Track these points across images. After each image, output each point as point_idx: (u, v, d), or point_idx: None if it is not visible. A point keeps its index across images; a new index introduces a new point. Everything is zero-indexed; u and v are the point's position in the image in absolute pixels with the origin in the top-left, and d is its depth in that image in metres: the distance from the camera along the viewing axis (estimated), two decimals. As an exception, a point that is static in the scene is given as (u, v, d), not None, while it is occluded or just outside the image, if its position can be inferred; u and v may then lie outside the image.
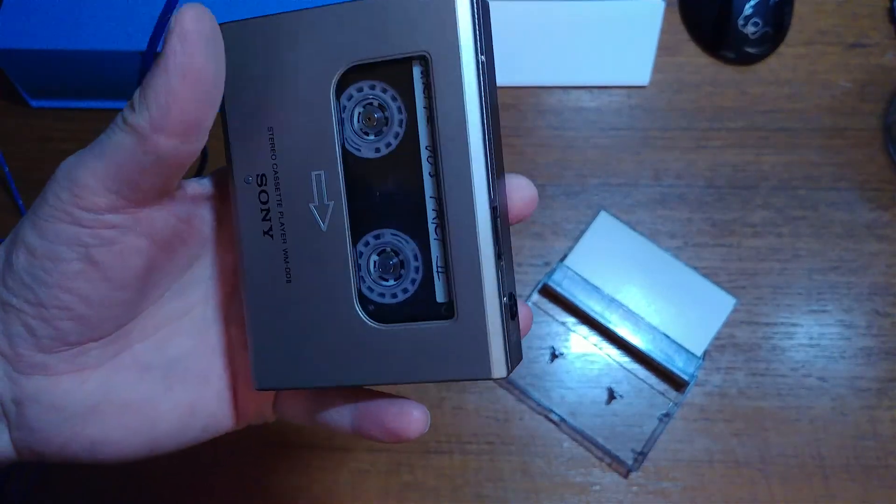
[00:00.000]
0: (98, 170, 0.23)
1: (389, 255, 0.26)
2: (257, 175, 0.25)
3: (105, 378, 0.26)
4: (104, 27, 0.50)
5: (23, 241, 0.24)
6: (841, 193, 0.53)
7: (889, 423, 0.48)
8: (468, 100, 0.23)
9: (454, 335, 0.25)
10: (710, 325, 0.49)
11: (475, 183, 0.24)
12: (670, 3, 0.58)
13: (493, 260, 0.24)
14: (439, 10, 0.23)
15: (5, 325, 0.25)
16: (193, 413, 0.28)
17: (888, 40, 0.57)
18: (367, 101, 0.25)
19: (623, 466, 0.47)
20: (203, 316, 0.29)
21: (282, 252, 0.26)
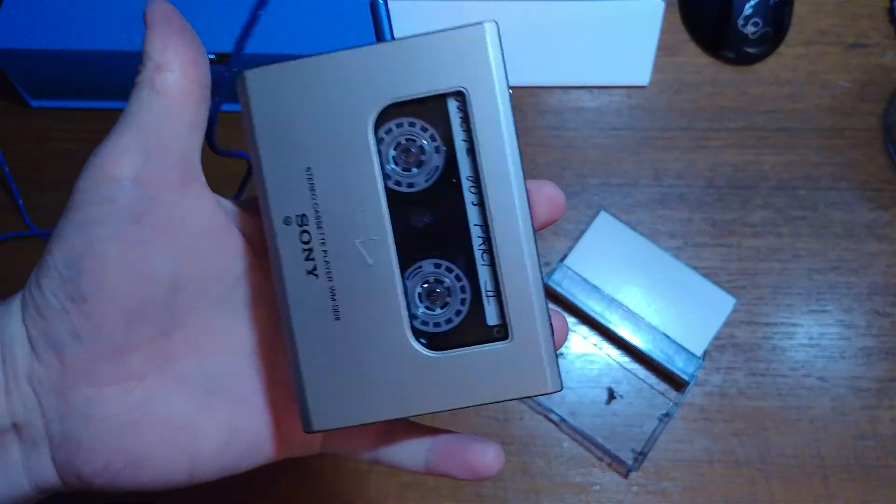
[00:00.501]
0: (120, 139, 0.25)
1: (437, 284, 0.26)
2: (297, 215, 0.26)
3: (148, 391, 0.26)
4: (104, 27, 0.50)
5: (58, 237, 0.25)
6: (841, 193, 0.53)
7: (889, 423, 0.48)
8: (505, 131, 0.25)
9: (509, 355, 0.26)
10: (710, 325, 0.49)
11: (518, 209, 0.25)
12: (670, 3, 0.58)
13: (540, 282, 0.26)
14: (472, 46, 0.25)
15: (49, 334, 0.25)
16: (233, 433, 0.27)
17: (888, 40, 0.57)
18: (406, 136, 0.26)
19: (623, 466, 0.47)
20: (243, 337, 0.29)
21: (328, 290, 0.26)
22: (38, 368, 0.25)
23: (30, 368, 0.25)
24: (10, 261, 0.52)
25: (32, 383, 0.25)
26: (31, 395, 0.25)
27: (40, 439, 0.25)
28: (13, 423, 0.25)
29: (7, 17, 0.50)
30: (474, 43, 0.25)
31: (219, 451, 0.27)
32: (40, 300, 0.25)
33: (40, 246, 0.52)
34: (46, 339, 0.25)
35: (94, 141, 0.61)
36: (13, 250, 0.52)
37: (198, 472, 0.27)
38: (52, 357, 0.25)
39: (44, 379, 0.25)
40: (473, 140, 0.25)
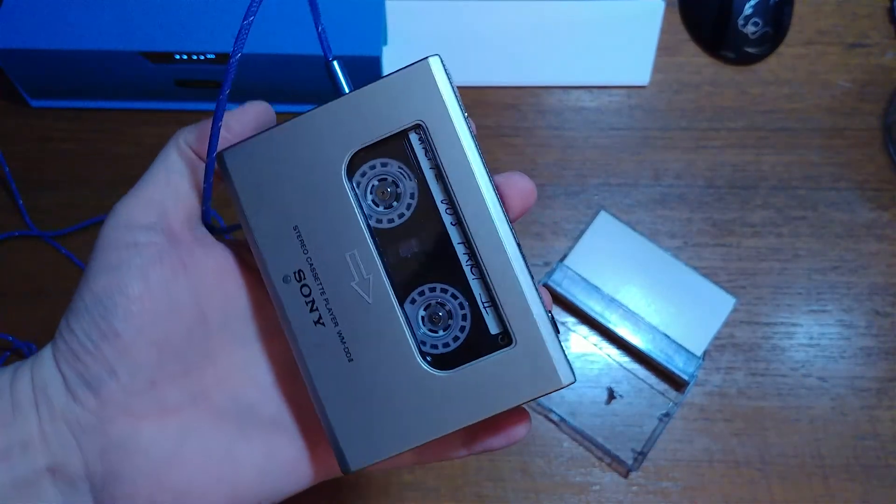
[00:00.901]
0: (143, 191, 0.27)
1: (437, 307, 0.28)
2: (294, 272, 0.27)
3: (184, 423, 0.27)
4: (104, 27, 0.50)
5: (86, 281, 0.26)
6: (841, 193, 0.53)
7: (889, 422, 0.48)
8: (468, 149, 0.26)
9: (518, 359, 0.27)
10: (709, 325, 0.49)
11: (495, 217, 0.26)
12: (670, 3, 0.58)
13: (530, 281, 0.27)
14: (421, 82, 0.26)
15: (84, 373, 0.26)
16: (271, 460, 0.28)
17: (888, 40, 0.57)
18: (378, 177, 0.28)
19: (623, 466, 0.47)
20: (265, 370, 0.30)
21: (337, 336, 0.27)
22: (75, 409, 0.26)
23: (66, 410, 0.26)
24: (10, 261, 0.52)
25: (70, 424, 0.26)
26: (69, 436, 0.26)
27: (80, 480, 0.26)
28: (48, 466, 0.26)
29: (7, 17, 0.50)
30: (422, 78, 0.26)
31: (258, 479, 0.28)
32: (73, 342, 0.26)
33: (40, 246, 0.52)
34: (82, 379, 0.26)
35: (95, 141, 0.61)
36: (13, 250, 0.52)
37: (239, 502, 0.28)
38: (90, 395, 0.26)
39: (82, 418, 0.26)
40: (439, 165, 0.27)
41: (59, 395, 0.26)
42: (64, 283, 0.51)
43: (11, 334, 0.49)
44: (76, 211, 0.53)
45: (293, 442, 0.29)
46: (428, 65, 0.27)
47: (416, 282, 0.28)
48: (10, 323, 0.50)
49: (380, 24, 0.51)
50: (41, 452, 0.26)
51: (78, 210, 0.53)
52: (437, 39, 0.55)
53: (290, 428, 0.29)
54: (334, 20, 0.50)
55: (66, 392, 0.26)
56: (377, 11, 0.51)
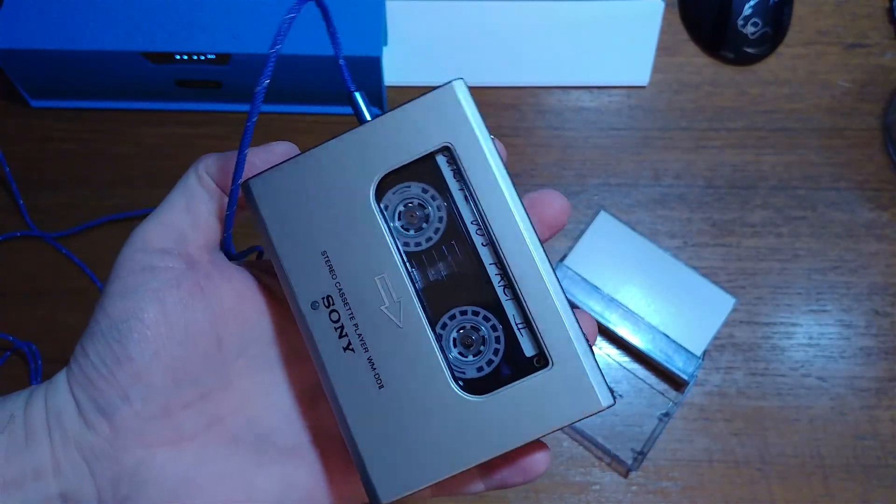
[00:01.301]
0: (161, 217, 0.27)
1: (469, 331, 0.27)
2: (323, 298, 0.27)
3: (200, 450, 0.27)
4: (104, 27, 0.50)
5: (102, 306, 0.26)
6: (840, 193, 0.53)
7: (888, 422, 0.48)
8: (496, 169, 0.26)
9: (555, 381, 0.26)
10: (709, 325, 0.49)
11: (527, 237, 0.26)
12: (670, 3, 0.58)
13: (565, 301, 0.26)
14: (447, 105, 0.27)
15: (98, 399, 0.25)
16: (288, 488, 0.28)
17: (888, 40, 0.57)
18: (406, 200, 0.27)
19: (623, 466, 0.47)
20: (284, 395, 0.29)
21: (366, 362, 0.27)
22: (88, 436, 0.25)
23: (80, 437, 0.25)
24: (10, 261, 0.52)
25: (83, 452, 0.26)
26: (82, 464, 0.25)
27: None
28: (60, 493, 0.25)
29: (7, 17, 0.50)
30: (448, 100, 0.27)
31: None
32: (87, 367, 0.26)
33: (40, 246, 0.52)
34: (96, 405, 0.25)
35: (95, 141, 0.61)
36: (13, 250, 0.52)
37: None
38: (103, 422, 0.25)
39: (95, 445, 0.25)
40: (468, 186, 0.27)
41: (73, 422, 0.25)
42: (64, 284, 0.51)
43: (11, 334, 0.49)
44: (76, 211, 0.53)
45: (311, 469, 0.28)
46: (453, 88, 0.27)
47: (448, 305, 0.27)
48: (10, 323, 0.50)
49: (380, 24, 0.51)
50: (53, 480, 0.25)
51: (78, 210, 0.53)
52: (437, 39, 0.55)
53: (308, 455, 0.28)
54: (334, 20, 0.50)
55: (79, 418, 0.25)
56: (377, 11, 0.51)
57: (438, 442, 0.26)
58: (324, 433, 0.29)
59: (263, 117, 0.55)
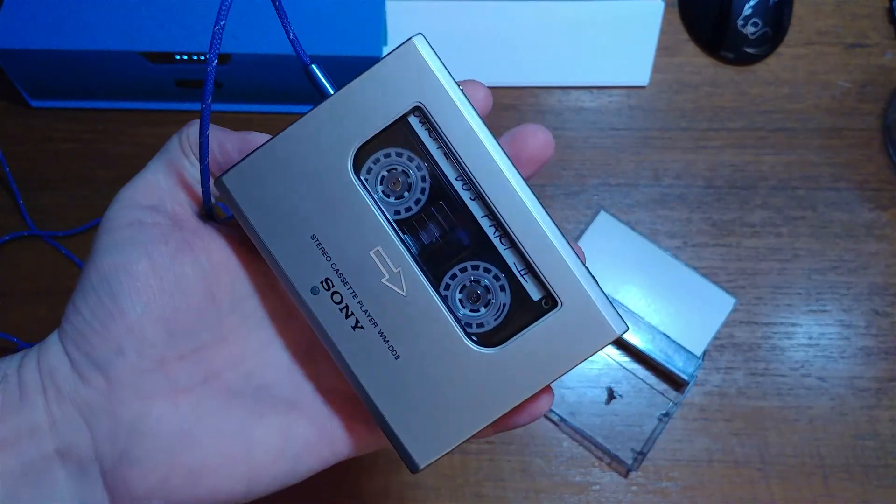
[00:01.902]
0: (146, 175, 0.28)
1: (473, 286, 0.27)
2: (322, 282, 0.26)
3: (197, 403, 0.27)
4: (104, 27, 0.50)
5: (91, 262, 0.26)
6: (840, 193, 0.53)
7: (888, 422, 0.48)
8: (471, 120, 0.26)
9: (567, 319, 0.26)
10: (709, 325, 0.49)
11: (514, 183, 0.26)
12: (670, 4, 0.58)
13: (563, 238, 0.26)
14: (410, 64, 0.26)
15: (92, 354, 0.25)
16: (289, 440, 0.28)
17: (888, 40, 0.57)
18: (386, 168, 0.27)
19: (623, 466, 0.47)
20: (282, 350, 0.29)
21: (378, 336, 0.27)
22: (83, 391, 0.25)
23: (75, 392, 0.25)
24: (10, 261, 0.52)
25: (79, 407, 0.26)
26: (78, 419, 0.25)
27: (89, 462, 0.26)
28: (57, 449, 0.25)
29: (7, 17, 0.50)
30: (411, 59, 0.26)
31: (275, 457, 0.27)
32: (79, 322, 0.26)
33: (41, 246, 0.52)
34: (90, 359, 0.25)
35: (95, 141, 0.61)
36: (13, 250, 0.52)
37: (255, 482, 0.27)
38: (98, 376, 0.25)
39: (90, 399, 0.25)
40: (446, 143, 0.26)
41: (67, 378, 0.26)
42: (64, 284, 0.51)
43: (12, 334, 0.49)
44: (76, 211, 0.53)
45: (313, 421, 0.28)
46: (414, 45, 0.26)
47: (448, 264, 0.27)
48: (11, 323, 0.50)
49: (380, 24, 0.51)
50: (49, 436, 0.25)
51: (78, 210, 0.53)
52: (437, 39, 0.55)
53: (308, 408, 0.28)
54: (334, 20, 0.50)
55: (73, 374, 0.26)
56: (377, 11, 0.51)
57: (463, 400, 0.26)
58: (324, 385, 0.29)
59: (259, 117, 0.55)
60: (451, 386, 0.26)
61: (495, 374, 0.26)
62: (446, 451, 0.27)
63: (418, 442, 0.27)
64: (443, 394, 0.26)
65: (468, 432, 0.27)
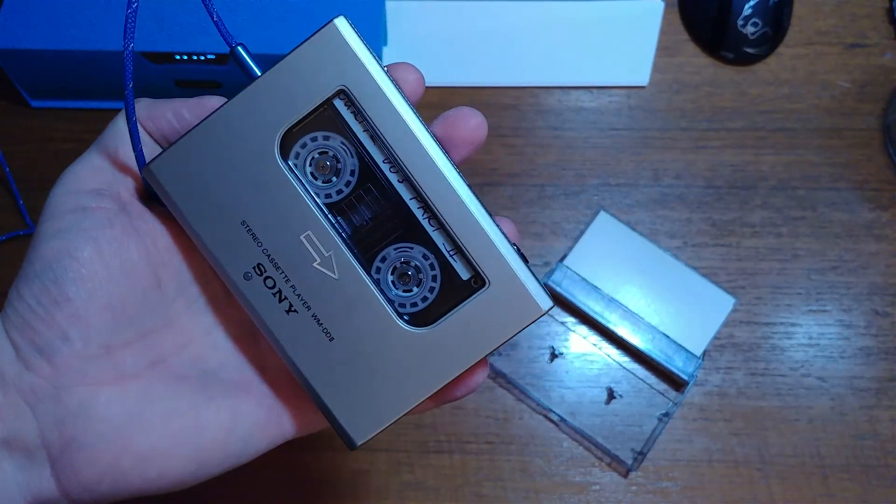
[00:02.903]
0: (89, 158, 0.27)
1: (403, 266, 0.28)
2: (254, 267, 0.27)
3: (145, 388, 0.27)
4: (104, 27, 0.50)
5: (34, 247, 0.26)
6: (840, 193, 0.53)
7: (888, 422, 0.48)
8: (395, 103, 0.26)
9: (494, 298, 0.27)
10: (709, 325, 0.49)
11: (440, 164, 0.26)
12: (670, 4, 0.58)
13: (489, 219, 0.26)
14: (332, 46, 0.26)
15: (37, 341, 0.25)
16: (237, 421, 0.28)
17: (887, 40, 0.57)
18: (314, 151, 0.27)
19: (622, 466, 0.47)
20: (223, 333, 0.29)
21: (312, 319, 0.27)
22: (29, 378, 0.25)
23: (18, 380, 0.25)
24: (10, 261, 0.52)
25: (24, 394, 0.25)
26: (24, 407, 0.25)
27: (36, 450, 0.25)
28: (2, 438, 0.25)
29: (7, 17, 0.50)
30: (332, 41, 0.26)
31: (224, 439, 0.27)
32: (24, 309, 0.25)
33: (40, 246, 0.52)
34: (35, 346, 0.25)
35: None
36: (13, 250, 0.52)
37: (205, 463, 0.27)
38: (43, 363, 0.25)
39: (36, 386, 0.25)
40: (372, 126, 0.26)
41: (11, 366, 0.25)
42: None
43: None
44: (76, 211, 0.53)
45: (260, 402, 0.28)
46: (335, 26, 0.26)
47: (378, 246, 0.27)
48: (10, 323, 0.50)
49: (380, 24, 0.51)
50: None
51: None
52: (437, 39, 0.55)
53: (255, 389, 0.29)
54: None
55: (17, 361, 0.25)
56: (377, 11, 0.51)
57: (397, 378, 0.27)
58: (269, 367, 0.29)
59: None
60: (384, 365, 0.27)
61: (428, 353, 0.27)
62: (382, 427, 0.27)
63: (355, 420, 0.27)
64: (377, 373, 0.27)
65: (403, 408, 0.27)
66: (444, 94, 0.55)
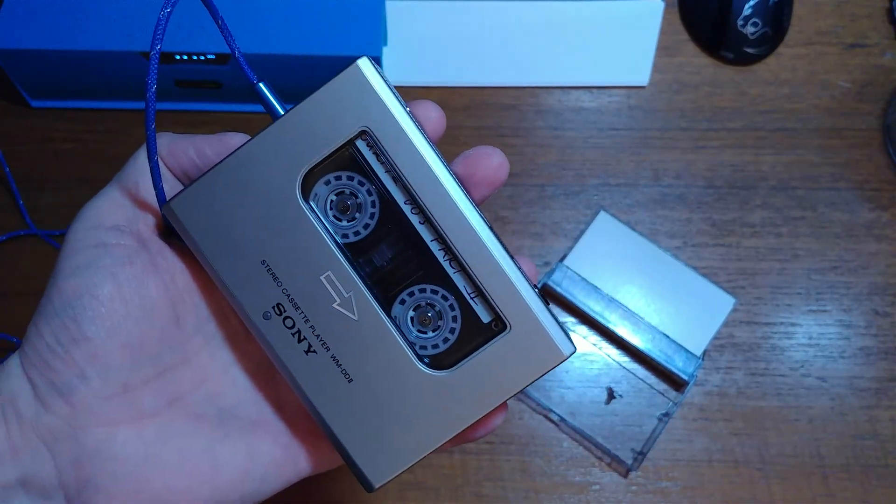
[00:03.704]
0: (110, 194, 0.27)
1: (424, 308, 0.27)
2: (273, 306, 0.27)
3: (161, 427, 0.27)
4: (104, 27, 0.50)
5: (54, 284, 0.25)
6: (840, 193, 0.53)
7: (888, 422, 0.48)
8: (418, 144, 0.26)
9: (516, 342, 0.26)
10: (709, 325, 0.49)
11: (461, 206, 0.26)
12: (670, 4, 0.58)
13: (511, 262, 0.26)
14: (355, 87, 0.25)
15: (55, 380, 0.25)
16: (253, 459, 0.28)
17: (887, 40, 0.57)
18: (334, 191, 0.27)
19: (622, 466, 0.47)
20: (241, 371, 0.29)
21: (331, 360, 0.27)
22: (46, 418, 0.25)
23: (37, 420, 0.25)
24: (10, 261, 0.52)
25: (41, 434, 0.25)
26: (41, 447, 0.25)
27: (54, 490, 0.25)
28: (19, 479, 0.25)
29: (7, 17, 0.50)
30: (356, 82, 0.25)
31: (240, 478, 0.27)
32: (42, 348, 0.25)
33: (41, 245, 0.52)
34: (53, 386, 0.25)
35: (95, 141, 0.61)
36: (14, 250, 0.52)
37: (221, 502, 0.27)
38: (61, 402, 0.25)
39: (54, 427, 0.25)
40: (393, 167, 0.26)
41: (29, 406, 0.25)
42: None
43: (12, 334, 0.49)
44: (76, 211, 0.52)
45: (276, 440, 0.28)
46: (358, 68, 0.26)
47: (398, 288, 0.27)
48: (11, 323, 0.50)
49: (380, 24, 0.51)
50: (11, 465, 0.25)
51: (78, 210, 0.53)
52: (437, 39, 0.55)
53: (272, 427, 0.29)
54: (334, 20, 0.50)
55: (35, 401, 0.25)
56: (377, 11, 0.51)
57: (416, 421, 0.27)
58: (286, 405, 0.29)
59: (256, 117, 0.54)
60: (403, 407, 0.27)
61: (447, 396, 0.27)
62: (400, 470, 0.27)
63: (373, 462, 0.27)
64: (396, 415, 0.27)
65: (421, 452, 0.27)
66: (444, 94, 0.55)
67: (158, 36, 0.26)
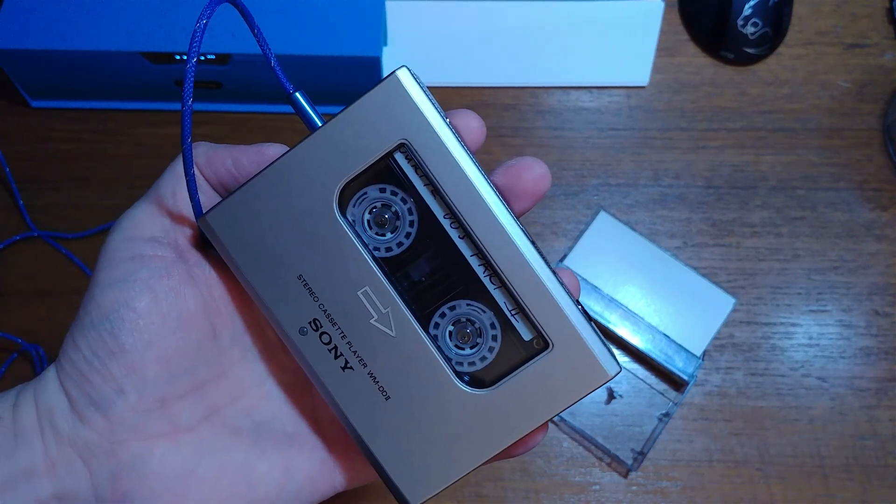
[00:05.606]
0: (146, 205, 0.27)
1: (464, 325, 0.27)
2: (310, 322, 0.26)
3: (198, 441, 0.26)
4: (104, 27, 0.50)
5: (91, 296, 0.25)
6: (840, 194, 0.53)
7: (888, 422, 0.48)
8: (458, 157, 0.25)
9: (558, 361, 0.26)
10: (709, 325, 0.49)
11: (502, 221, 0.25)
12: (670, 4, 0.58)
13: (554, 278, 0.25)
14: (394, 99, 0.25)
15: (92, 393, 0.25)
16: (289, 474, 0.27)
17: (887, 40, 0.57)
18: (372, 205, 0.26)
19: (623, 466, 0.47)
20: (276, 384, 0.29)
21: (368, 377, 0.26)
22: (83, 432, 0.25)
23: (73, 434, 0.25)
24: (10, 261, 0.52)
25: (78, 448, 0.25)
26: (78, 461, 0.25)
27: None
28: (55, 494, 0.25)
29: (7, 17, 0.50)
30: (395, 93, 0.25)
31: (276, 493, 0.27)
32: (79, 361, 0.25)
33: (41, 246, 0.52)
34: (90, 399, 0.25)
35: (95, 141, 0.61)
36: (14, 250, 0.52)
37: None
38: (98, 416, 0.25)
39: (91, 441, 0.25)
40: (432, 180, 0.25)
41: (66, 419, 0.25)
42: (65, 284, 0.51)
43: (13, 334, 0.49)
44: (76, 211, 0.53)
45: (312, 455, 0.28)
46: (398, 79, 0.25)
47: (437, 303, 0.26)
48: (11, 323, 0.50)
49: (380, 24, 0.51)
50: (47, 480, 0.25)
51: (78, 210, 0.53)
52: (437, 39, 0.55)
53: (307, 441, 0.28)
54: (334, 20, 0.50)
55: (72, 415, 0.25)
56: (377, 11, 0.51)
57: (455, 440, 0.26)
58: (321, 419, 0.29)
59: (256, 117, 0.55)
60: (442, 426, 0.26)
61: (487, 416, 0.26)
62: (439, 489, 0.26)
63: (411, 481, 0.26)
64: (434, 434, 0.26)
65: (461, 472, 0.26)
66: (444, 94, 0.55)
67: (195, 48, 0.25)
